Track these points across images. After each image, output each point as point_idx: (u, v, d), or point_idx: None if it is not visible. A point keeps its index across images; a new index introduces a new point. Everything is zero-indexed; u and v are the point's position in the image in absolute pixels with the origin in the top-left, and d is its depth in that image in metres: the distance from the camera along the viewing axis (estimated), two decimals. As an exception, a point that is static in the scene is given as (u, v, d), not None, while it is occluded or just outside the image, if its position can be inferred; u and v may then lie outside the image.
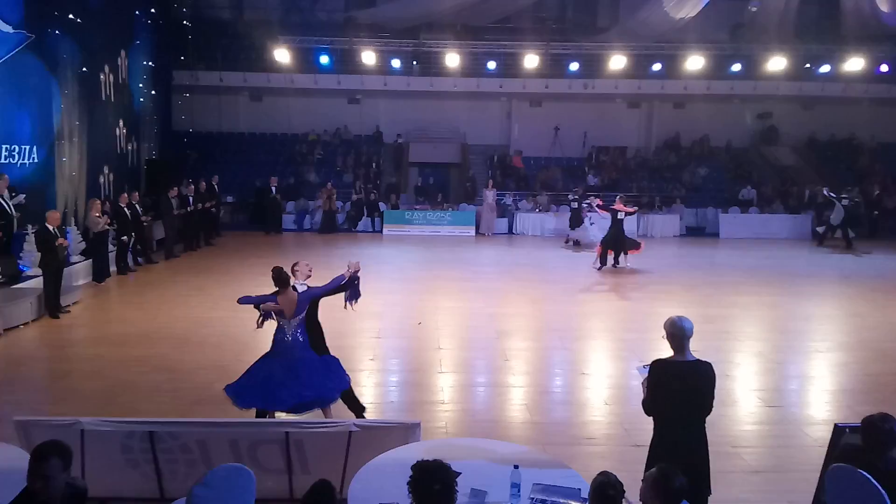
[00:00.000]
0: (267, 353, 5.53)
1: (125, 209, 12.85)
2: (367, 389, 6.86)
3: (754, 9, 19.54)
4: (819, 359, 8.41)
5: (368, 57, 20.48)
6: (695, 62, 20.39)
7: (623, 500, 2.85)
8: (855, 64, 20.15)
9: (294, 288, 5.51)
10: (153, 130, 18.15)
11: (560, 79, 21.56)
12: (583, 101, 22.57)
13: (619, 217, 13.53)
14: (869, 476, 3.50)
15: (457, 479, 3.32)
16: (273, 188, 18.72)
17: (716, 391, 3.62)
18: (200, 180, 16.71)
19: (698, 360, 3.81)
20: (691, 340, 3.81)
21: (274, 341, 5.49)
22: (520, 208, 20.23)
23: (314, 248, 16.43)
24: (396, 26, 21.36)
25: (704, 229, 20.11)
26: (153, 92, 18.07)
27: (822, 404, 6.86)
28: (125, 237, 12.75)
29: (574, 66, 21.41)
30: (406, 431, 4.23)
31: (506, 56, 21.54)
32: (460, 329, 9.52)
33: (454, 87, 21.36)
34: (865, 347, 8.80)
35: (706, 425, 3.88)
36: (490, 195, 19.43)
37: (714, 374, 3.81)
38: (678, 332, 3.76)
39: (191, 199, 15.50)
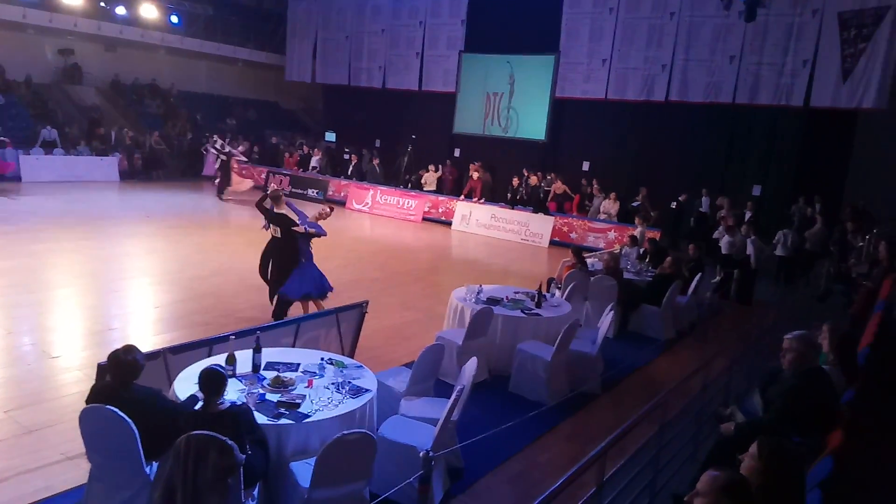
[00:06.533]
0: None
1: None
2: None
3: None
4: (115, 297, 8.52)
5: None
6: (-30, -26, 17.19)
7: None
8: (149, 11, 20.87)
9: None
10: None
11: None
12: None
13: None
14: (115, 409, 3.59)
15: None
16: None
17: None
18: None
19: None
20: None
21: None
22: None
23: None
24: None
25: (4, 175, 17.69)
26: None
27: (114, 343, 6.76)
28: None
29: None
30: None
31: None
32: None
33: None
34: (163, 280, 9.42)
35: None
36: None
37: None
38: None
39: None
